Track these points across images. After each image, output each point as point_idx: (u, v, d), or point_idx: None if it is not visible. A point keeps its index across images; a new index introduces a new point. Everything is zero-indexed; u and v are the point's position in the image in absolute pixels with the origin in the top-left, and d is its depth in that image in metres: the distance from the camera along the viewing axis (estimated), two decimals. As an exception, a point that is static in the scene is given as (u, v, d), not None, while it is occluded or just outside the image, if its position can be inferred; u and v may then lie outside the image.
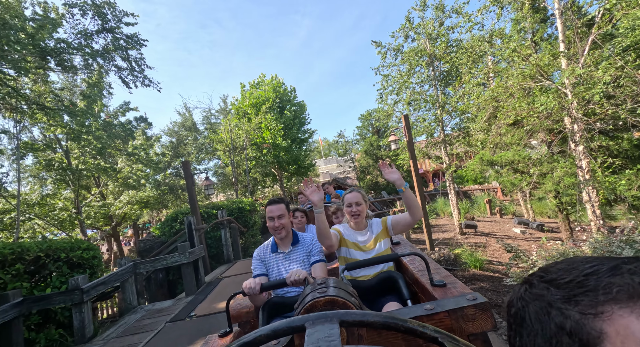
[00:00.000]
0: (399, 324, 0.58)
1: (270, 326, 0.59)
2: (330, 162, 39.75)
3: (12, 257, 4.04)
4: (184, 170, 7.85)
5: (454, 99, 10.47)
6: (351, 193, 2.19)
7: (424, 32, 12.22)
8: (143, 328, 4.21)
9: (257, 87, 21.85)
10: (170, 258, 5.19)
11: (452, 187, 13.03)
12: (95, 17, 6.82)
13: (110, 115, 12.68)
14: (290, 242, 2.07)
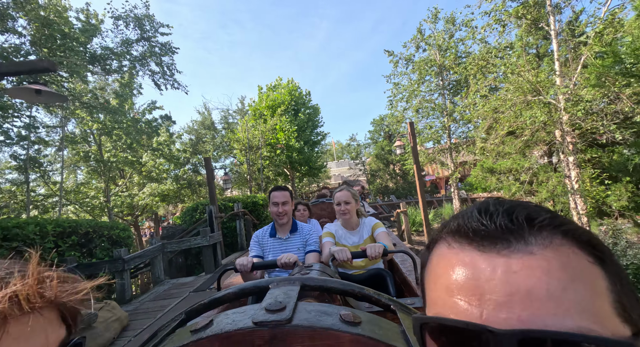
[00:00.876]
0: (356, 291, 0.61)
1: (238, 285, 0.63)
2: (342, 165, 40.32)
3: (69, 230, 4.92)
4: (206, 165, 8.71)
5: (460, 108, 10.99)
6: (341, 192, 2.18)
7: (434, 44, 12.78)
8: (171, 296, 5.01)
9: (273, 89, 22.77)
10: (193, 240, 6.00)
11: (456, 193, 13.49)
12: (136, 28, 7.80)
13: (138, 113, 13.78)
14: (289, 230, 2.14)
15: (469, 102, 9.42)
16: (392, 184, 28.42)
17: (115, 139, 11.75)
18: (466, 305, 0.29)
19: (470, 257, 0.31)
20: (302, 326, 0.47)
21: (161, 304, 4.65)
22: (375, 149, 29.43)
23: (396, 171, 27.98)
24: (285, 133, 19.07)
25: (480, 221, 0.31)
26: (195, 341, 0.47)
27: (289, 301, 0.52)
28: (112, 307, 3.75)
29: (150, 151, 13.69)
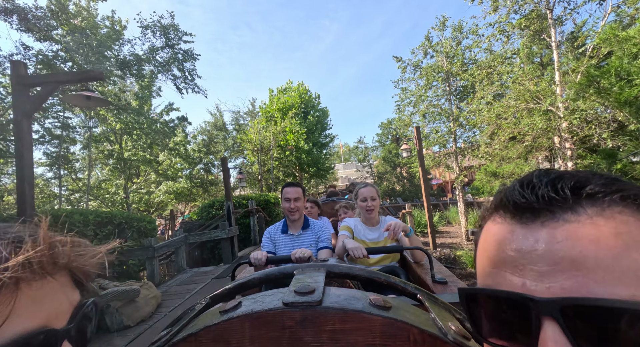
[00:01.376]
0: (382, 278, 0.60)
1: (263, 271, 0.63)
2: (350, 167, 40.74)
3: (106, 220, 5.50)
4: (222, 165, 9.26)
5: (466, 114, 11.37)
6: (366, 188, 2.15)
7: (442, 51, 13.17)
8: (194, 281, 5.54)
9: (284, 92, 23.41)
10: (214, 233, 6.54)
11: (461, 196, 13.81)
12: (162, 36, 8.43)
13: (157, 114, 14.47)
14: (301, 226, 2.14)
15: (474, 108, 9.78)
16: (399, 186, 28.72)
17: (136, 139, 12.43)
18: (509, 276, 0.30)
19: (511, 230, 0.31)
20: (332, 308, 0.47)
21: (187, 288, 5.18)
22: (383, 151, 29.79)
23: (403, 174, 28.28)
24: (294, 135, 19.63)
25: (521, 194, 0.31)
26: (227, 320, 0.48)
27: (317, 285, 0.53)
28: (149, 286, 4.29)
29: (167, 151, 14.36)
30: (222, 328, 0.48)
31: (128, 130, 11.81)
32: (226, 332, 0.47)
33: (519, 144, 9.06)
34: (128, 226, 6.03)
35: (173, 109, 15.16)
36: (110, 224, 5.60)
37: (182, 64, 8.96)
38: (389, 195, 28.64)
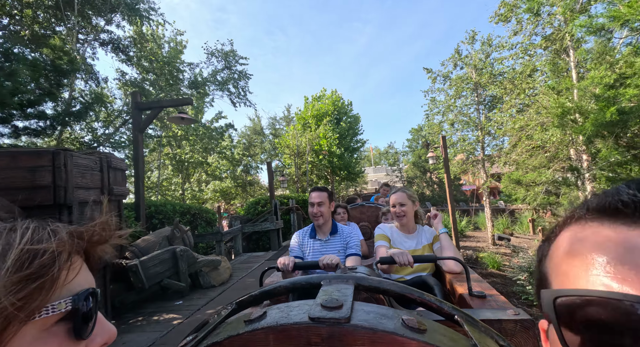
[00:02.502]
0: (415, 295, 0.55)
1: (290, 279, 0.62)
2: (380, 171, 41.28)
3: (186, 210, 7.10)
4: (268, 168, 10.76)
5: (491, 124, 11.99)
6: (396, 193, 2.12)
7: (471, 63, 13.83)
8: (251, 262, 6.98)
9: (318, 99, 24.89)
10: (264, 225, 7.97)
11: (487, 202, 14.30)
12: (222, 60, 10.15)
13: (208, 121, 16.49)
14: (329, 231, 2.12)
15: (499, 121, 10.44)
16: (429, 191, 29.01)
17: (192, 144, 14.40)
18: (618, 280, 0.27)
19: (618, 232, 0.29)
20: (362, 326, 0.45)
21: (247, 266, 6.62)
22: (413, 156, 30.22)
23: (433, 179, 28.54)
24: (327, 140, 20.96)
25: (631, 195, 0.30)
26: (251, 331, 0.47)
27: (345, 299, 0.51)
28: (225, 260, 5.74)
29: (216, 154, 16.29)
30: (246, 339, 0.47)
31: (186, 136, 13.78)
32: (250, 344, 0.47)
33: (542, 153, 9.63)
34: (199, 216, 7.64)
35: (221, 117, 17.15)
36: (188, 213, 7.21)
37: (237, 82, 10.63)
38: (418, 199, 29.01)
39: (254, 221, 10.21)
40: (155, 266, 4.35)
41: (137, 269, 4.02)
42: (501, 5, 9.30)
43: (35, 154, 2.72)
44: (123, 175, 3.96)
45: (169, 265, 4.56)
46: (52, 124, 5.94)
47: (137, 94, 6.10)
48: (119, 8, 7.73)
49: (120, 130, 9.79)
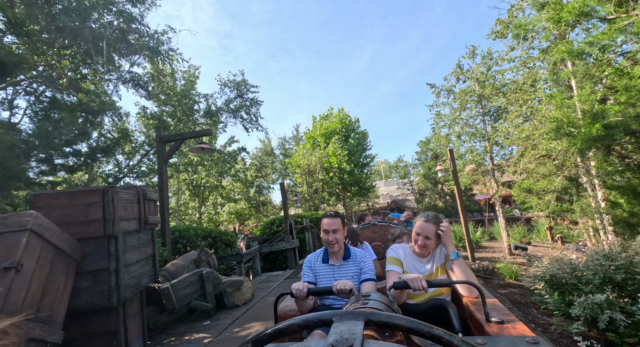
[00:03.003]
0: (424, 330, 0.56)
1: (302, 316, 0.63)
2: (391, 184, 41.23)
3: (207, 234, 7.48)
4: (281, 189, 11.15)
5: (497, 135, 12.19)
6: (424, 223, 1.95)
7: (473, 77, 14.21)
8: (271, 281, 7.23)
9: (326, 118, 25.59)
10: (281, 244, 8.26)
11: (501, 212, 14.26)
12: (234, 89, 10.86)
13: (222, 146, 17.19)
14: (342, 256, 2.08)
15: (505, 131, 10.66)
16: (441, 203, 28.80)
17: (208, 169, 15.02)
18: None
19: None
20: None
21: (267, 285, 6.88)
22: (423, 169, 30.26)
23: (444, 190, 28.40)
24: (337, 157, 21.40)
25: None
26: None
27: (354, 339, 0.52)
28: (247, 280, 6.04)
29: (230, 177, 16.85)
30: None
31: (202, 162, 14.41)
32: None
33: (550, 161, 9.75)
34: (219, 238, 8.01)
35: (234, 141, 17.84)
36: (209, 237, 7.59)
37: (249, 109, 11.28)
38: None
39: (270, 241, 10.52)
40: (184, 288, 4.68)
41: (168, 291, 4.36)
42: (497, 23, 9.75)
43: (89, 193, 3.16)
44: (155, 205, 4.38)
45: (197, 287, 4.89)
46: (85, 160, 6.51)
47: (160, 128, 6.65)
48: (142, 51, 8.51)
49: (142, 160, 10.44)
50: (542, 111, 8.53)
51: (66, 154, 6.01)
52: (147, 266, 4.08)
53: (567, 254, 6.46)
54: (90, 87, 6.60)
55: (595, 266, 5.72)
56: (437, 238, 1.93)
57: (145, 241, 4.01)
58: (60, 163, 6.21)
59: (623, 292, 4.81)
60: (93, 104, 6.37)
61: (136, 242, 3.77)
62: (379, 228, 3.65)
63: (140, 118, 10.85)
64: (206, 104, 10.91)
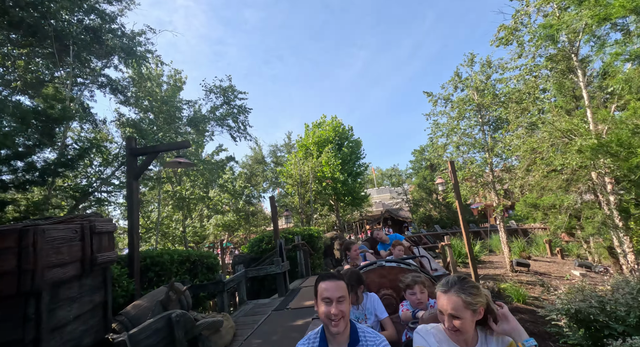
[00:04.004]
0: None
1: None
2: (383, 192, 40.71)
3: (185, 258, 6.58)
4: (270, 203, 10.31)
5: (500, 146, 11.64)
6: (443, 295, 1.34)
7: (472, 85, 13.73)
8: (257, 313, 6.34)
9: (318, 126, 24.92)
10: (269, 268, 7.39)
11: (502, 226, 13.65)
12: (221, 96, 10.05)
13: (209, 155, 16.27)
14: (347, 342, 1.44)
15: (507, 143, 10.12)
16: (436, 213, 28.26)
17: (193, 179, 14.07)
18: None
19: None
20: None
21: (252, 319, 5.98)
22: (418, 178, 29.77)
23: (439, 200, 27.90)
24: (330, 166, 20.67)
25: None
26: None
27: None
28: (227, 318, 5.15)
29: (217, 187, 15.91)
30: None
31: (187, 173, 13.47)
32: None
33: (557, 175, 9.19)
34: (200, 262, 7.09)
35: (222, 150, 16.96)
36: (187, 261, 6.68)
37: (237, 117, 10.48)
38: (425, 222, 28.24)
39: (258, 262, 9.61)
40: (147, 338, 3.79)
41: (125, 346, 3.48)
42: (500, 29, 9.25)
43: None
44: (110, 237, 3.53)
45: (164, 334, 4.00)
46: (41, 175, 5.60)
47: (131, 139, 5.80)
48: (115, 52, 7.67)
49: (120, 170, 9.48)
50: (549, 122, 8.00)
51: (15, 170, 5.09)
52: (94, 319, 3.20)
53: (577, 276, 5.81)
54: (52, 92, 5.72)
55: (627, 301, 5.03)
56: (473, 314, 1.28)
57: (90, 287, 3.14)
58: (9, 179, 5.29)
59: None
60: (52, 111, 5.49)
61: (76, 293, 2.90)
62: (388, 271, 2.79)
63: (119, 125, 9.94)
64: (192, 111, 10.07)
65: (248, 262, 10.32)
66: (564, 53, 8.26)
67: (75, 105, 6.98)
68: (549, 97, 9.37)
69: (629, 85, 3.59)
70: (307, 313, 5.89)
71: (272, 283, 9.74)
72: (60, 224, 2.76)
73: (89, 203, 7.52)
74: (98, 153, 7.43)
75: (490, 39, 9.37)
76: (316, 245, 11.23)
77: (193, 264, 6.89)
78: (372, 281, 2.76)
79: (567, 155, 7.28)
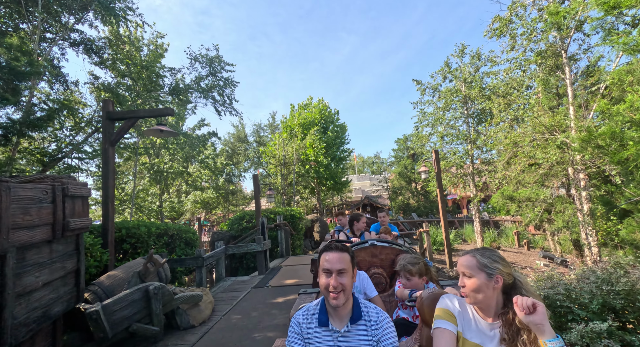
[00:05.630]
0: None
1: None
2: (364, 179, 41.17)
3: (162, 232, 6.34)
4: (254, 181, 10.10)
5: (483, 139, 11.90)
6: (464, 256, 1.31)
7: (460, 77, 13.80)
8: (236, 289, 6.27)
9: (304, 108, 24.47)
10: (250, 246, 7.28)
11: (477, 216, 14.17)
12: (207, 66, 9.49)
13: (190, 129, 15.62)
14: (349, 316, 1.37)
15: (491, 135, 10.34)
16: (414, 202, 28.97)
17: (172, 153, 13.50)
18: None
19: None
20: None
21: (231, 295, 5.91)
22: (399, 167, 30.22)
23: (418, 190, 28.57)
24: (314, 149, 20.48)
25: None
26: None
27: None
28: (207, 293, 5.04)
29: (197, 163, 15.40)
30: None
31: (166, 145, 12.89)
32: None
33: (536, 169, 9.54)
34: (178, 237, 6.87)
35: (204, 125, 16.32)
36: (165, 235, 6.44)
37: (223, 89, 9.98)
38: (403, 210, 28.94)
39: (238, 239, 9.48)
40: (122, 310, 3.63)
41: (98, 315, 3.30)
42: (495, 20, 9.22)
43: (-46, 189, 2.03)
44: (84, 203, 3.27)
45: (140, 307, 3.84)
46: (5, 134, 5.11)
47: (109, 102, 5.37)
48: (91, 5, 6.98)
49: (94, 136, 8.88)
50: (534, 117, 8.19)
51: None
52: (65, 287, 2.99)
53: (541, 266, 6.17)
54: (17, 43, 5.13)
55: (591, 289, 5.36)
56: (487, 279, 1.21)
57: (62, 253, 2.91)
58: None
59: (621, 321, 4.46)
60: (17, 63, 4.95)
61: (46, 258, 2.68)
62: (380, 250, 2.77)
63: (94, 89, 9.22)
64: (174, 80, 9.46)
65: (227, 239, 10.17)
66: (554, 49, 8.38)
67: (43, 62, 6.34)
68: (534, 93, 9.56)
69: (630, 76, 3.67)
70: (288, 291, 5.88)
71: (251, 261, 9.69)
72: (29, 183, 2.50)
73: (58, 169, 7.02)
74: (69, 116, 6.88)
75: (485, 30, 9.34)
76: (297, 226, 11.21)
77: (171, 238, 6.67)
78: (363, 260, 2.73)
79: (547, 150, 7.51)
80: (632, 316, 4.72)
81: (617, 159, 3.17)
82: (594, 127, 4.14)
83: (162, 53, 11.22)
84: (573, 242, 9.98)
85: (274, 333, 4.01)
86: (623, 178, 3.95)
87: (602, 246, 7.82)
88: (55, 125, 6.75)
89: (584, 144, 3.85)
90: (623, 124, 3.18)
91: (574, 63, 8.39)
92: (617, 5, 2.93)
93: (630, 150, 2.77)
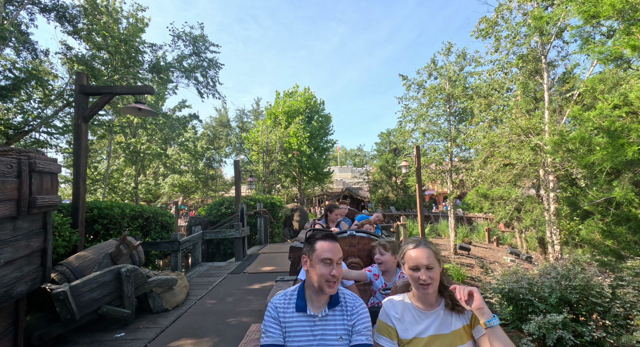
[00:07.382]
0: None
1: None
2: (345, 171, 41.49)
3: (137, 214, 6.14)
4: (235, 167, 9.93)
5: (462, 137, 12.22)
6: (417, 248, 1.36)
7: (445, 75, 14.01)
8: (212, 275, 6.22)
9: (290, 96, 24.13)
10: (229, 232, 7.22)
11: (452, 212, 14.68)
12: (191, 45, 9.09)
13: (170, 110, 15.05)
14: (327, 302, 1.41)
15: (471, 134, 10.65)
16: (393, 195, 29.57)
17: (150, 133, 13.00)
18: None
19: None
20: None
21: (207, 280, 5.87)
22: (380, 160, 30.64)
23: (398, 184, 29.14)
24: (298, 138, 20.33)
25: None
26: None
27: None
28: (182, 277, 4.97)
29: (177, 145, 14.94)
30: None
31: (144, 125, 12.38)
32: None
33: (510, 170, 9.95)
34: (154, 219, 6.69)
35: (185, 106, 15.78)
36: (140, 217, 6.25)
37: (206, 71, 9.63)
38: (382, 203, 29.53)
39: (217, 225, 9.35)
40: (91, 291, 3.52)
41: (65, 297, 3.19)
42: (482, 21, 9.37)
43: None
44: (53, 179, 3.10)
45: (111, 289, 3.74)
46: (-37, 102, 4.73)
47: (82, 75, 5.06)
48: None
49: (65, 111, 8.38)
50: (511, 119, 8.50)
51: None
52: (30, 266, 2.86)
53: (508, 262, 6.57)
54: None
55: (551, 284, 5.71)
56: (439, 264, 1.37)
57: (27, 231, 2.77)
58: None
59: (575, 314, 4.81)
60: (-21, 25, 4.55)
61: (9, 235, 2.54)
62: (358, 240, 2.85)
63: (66, 61, 8.64)
64: (154, 57, 9.00)
65: (205, 224, 10.02)
66: (534, 54, 8.65)
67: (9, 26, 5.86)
68: (514, 96, 9.89)
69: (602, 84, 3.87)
70: (265, 278, 5.91)
71: (228, 247, 9.61)
72: (-9, 154, 2.34)
73: (24, 144, 6.60)
74: (38, 87, 6.43)
75: (471, 30, 9.49)
76: (277, 214, 11.19)
77: (146, 220, 6.49)
78: (342, 249, 2.82)
79: (522, 151, 7.83)
80: (584, 309, 5.09)
81: (585, 163, 3.37)
82: (566, 132, 4.35)
83: (142, 28, 10.65)
84: (538, 240, 10.58)
85: (249, 318, 4.03)
86: (588, 181, 4.22)
87: (564, 244, 8.34)
88: (22, 96, 6.30)
89: (556, 147, 4.04)
90: (592, 130, 3.36)
91: (552, 69, 8.71)
92: (597, 14, 3.05)
93: (596, 155, 2.95)
